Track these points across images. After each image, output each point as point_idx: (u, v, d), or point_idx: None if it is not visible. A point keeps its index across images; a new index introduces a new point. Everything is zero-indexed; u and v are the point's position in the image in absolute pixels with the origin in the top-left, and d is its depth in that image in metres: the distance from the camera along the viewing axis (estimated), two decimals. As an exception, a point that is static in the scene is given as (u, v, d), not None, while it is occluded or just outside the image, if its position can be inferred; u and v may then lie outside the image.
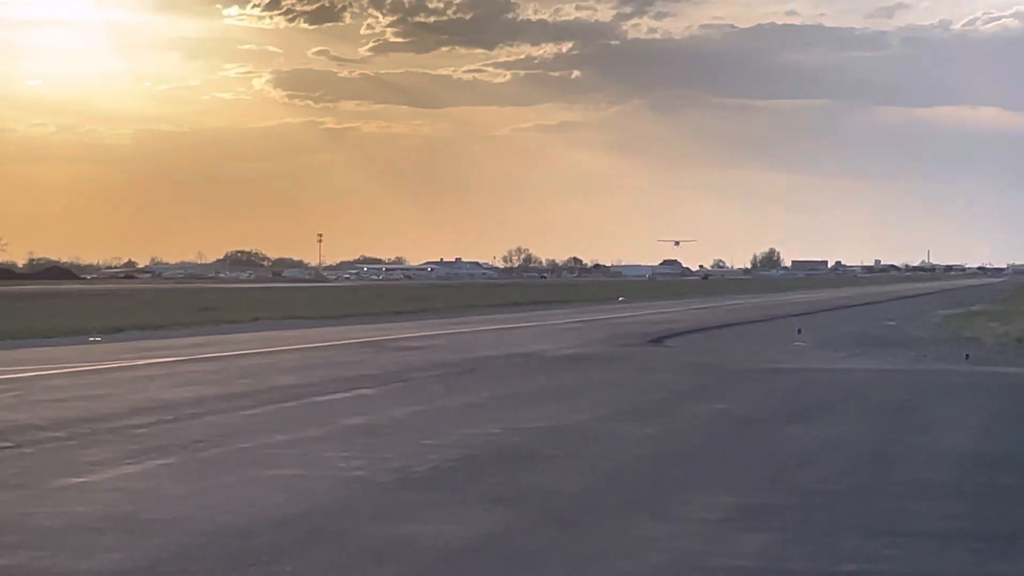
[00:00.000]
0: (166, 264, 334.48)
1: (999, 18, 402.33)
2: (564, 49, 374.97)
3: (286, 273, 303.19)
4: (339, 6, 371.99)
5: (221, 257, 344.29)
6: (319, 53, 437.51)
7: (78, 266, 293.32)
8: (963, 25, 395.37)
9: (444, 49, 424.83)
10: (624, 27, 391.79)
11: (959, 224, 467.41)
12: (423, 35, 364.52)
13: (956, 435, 20.67)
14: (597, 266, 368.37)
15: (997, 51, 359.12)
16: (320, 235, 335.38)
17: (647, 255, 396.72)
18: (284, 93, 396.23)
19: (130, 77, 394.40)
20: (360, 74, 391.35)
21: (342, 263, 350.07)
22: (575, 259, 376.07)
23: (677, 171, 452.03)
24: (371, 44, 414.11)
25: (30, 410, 22.83)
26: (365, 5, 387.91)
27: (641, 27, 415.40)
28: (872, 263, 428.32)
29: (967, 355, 38.30)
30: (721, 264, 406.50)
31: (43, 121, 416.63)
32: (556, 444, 19.12)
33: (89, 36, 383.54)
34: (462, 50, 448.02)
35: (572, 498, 14.86)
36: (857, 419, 22.90)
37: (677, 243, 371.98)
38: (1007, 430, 21.50)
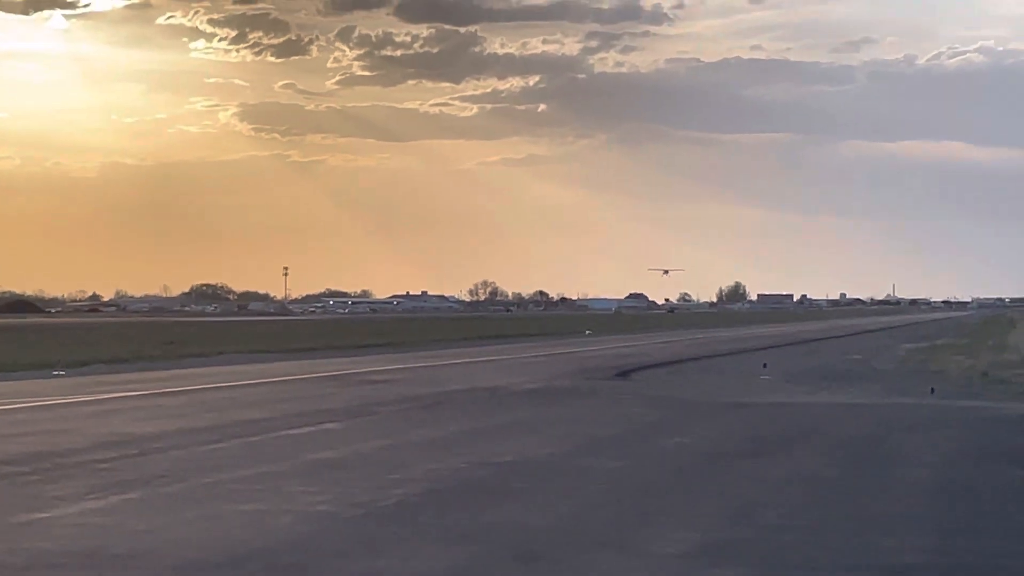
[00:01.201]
0: (131, 297, 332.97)
1: (963, 53, 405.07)
2: (531, 83, 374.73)
3: (252, 307, 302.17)
4: (306, 39, 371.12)
5: (187, 290, 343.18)
6: (286, 86, 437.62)
7: (42, 299, 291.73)
8: (928, 60, 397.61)
9: (411, 83, 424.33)
10: (591, 61, 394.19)
11: (924, 258, 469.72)
12: (390, 68, 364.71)
13: (921, 469, 20.71)
14: (563, 299, 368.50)
15: (961, 86, 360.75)
16: (286, 268, 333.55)
17: (613, 289, 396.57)
18: (250, 126, 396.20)
19: (96, 110, 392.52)
20: (327, 107, 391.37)
21: (308, 296, 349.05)
22: (541, 292, 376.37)
23: (643, 205, 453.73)
24: (338, 77, 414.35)
25: (-7, 445, 22.66)
26: (332, 39, 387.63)
27: (608, 61, 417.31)
28: (837, 297, 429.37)
29: (932, 389, 38.42)
30: (687, 298, 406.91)
31: (8, 154, 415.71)
32: (522, 478, 19.08)
33: (55, 69, 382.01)
34: (429, 83, 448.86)
35: (538, 533, 14.82)
36: (822, 453, 22.93)
37: (666, 272, 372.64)
38: (971, 464, 21.55)
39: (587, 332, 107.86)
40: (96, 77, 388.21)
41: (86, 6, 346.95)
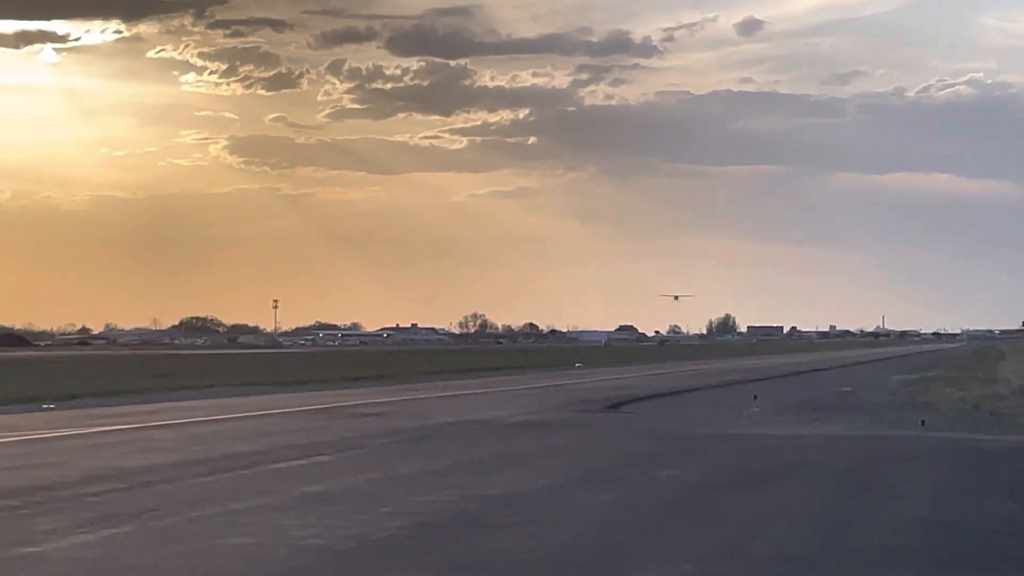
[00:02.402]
0: (121, 330, 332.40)
1: (953, 85, 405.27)
2: (520, 115, 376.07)
3: (241, 339, 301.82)
4: (296, 73, 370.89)
5: (176, 323, 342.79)
6: (276, 119, 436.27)
7: (32, 332, 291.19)
8: (917, 92, 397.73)
9: (401, 115, 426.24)
10: (581, 93, 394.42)
11: (914, 290, 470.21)
12: (380, 102, 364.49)
13: (911, 501, 20.72)
14: (553, 332, 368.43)
15: (951, 118, 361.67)
16: (276, 301, 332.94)
17: (603, 321, 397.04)
18: (241, 159, 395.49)
19: (87, 143, 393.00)
20: (317, 140, 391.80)
21: (298, 329, 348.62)
22: (531, 325, 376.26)
23: (633, 237, 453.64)
24: (328, 110, 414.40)
25: (-18, 478, 22.61)
26: (322, 72, 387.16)
27: (598, 93, 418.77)
28: (827, 329, 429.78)
29: (923, 421, 38.43)
30: (677, 330, 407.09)
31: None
32: (513, 511, 19.06)
33: (46, 102, 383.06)
34: (419, 116, 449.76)
35: (529, 566, 14.81)
36: (813, 486, 22.93)
37: (676, 298, 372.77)
38: (961, 496, 21.56)
39: (577, 364, 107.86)
40: (87, 110, 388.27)
41: (77, 40, 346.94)
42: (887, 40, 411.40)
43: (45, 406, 44.82)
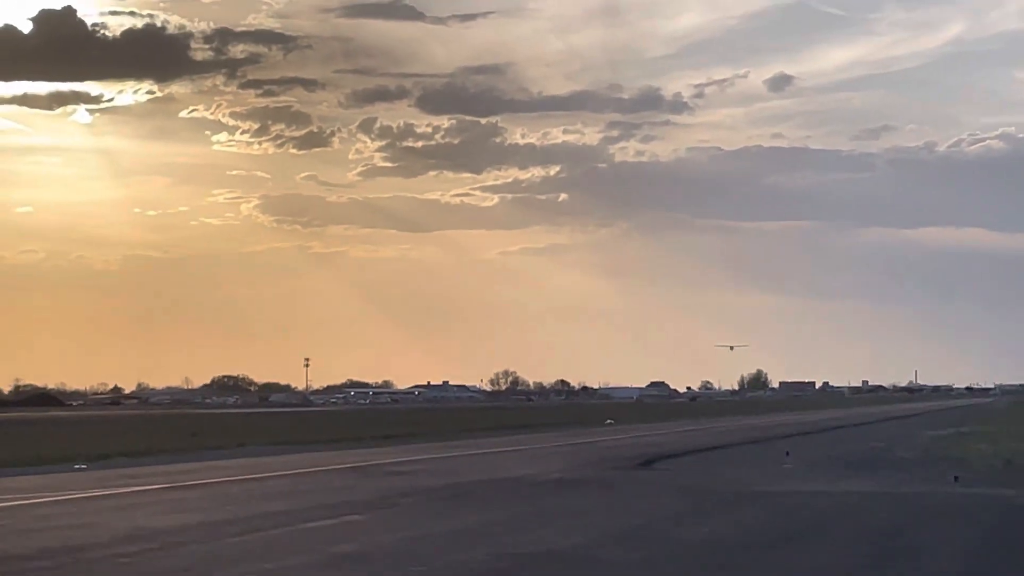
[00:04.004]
0: (153, 390, 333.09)
1: (984, 139, 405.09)
2: (551, 172, 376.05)
3: (273, 398, 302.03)
4: (328, 131, 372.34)
5: (208, 382, 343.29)
6: (307, 178, 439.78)
7: (64, 392, 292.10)
8: (948, 147, 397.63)
9: (432, 173, 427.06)
10: (611, 150, 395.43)
11: (946, 345, 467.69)
12: (411, 160, 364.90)
13: (945, 562, 20.58)
14: (584, 389, 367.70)
15: (982, 172, 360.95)
16: (307, 359, 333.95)
17: (634, 377, 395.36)
18: (272, 218, 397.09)
19: (120, 203, 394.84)
20: (348, 198, 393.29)
21: (329, 387, 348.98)
22: (562, 382, 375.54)
23: (664, 293, 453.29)
24: (359, 168, 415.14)
25: (15, 540, 22.67)
26: (354, 130, 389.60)
27: (628, 150, 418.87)
28: (860, 384, 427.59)
29: (956, 477, 38.21)
30: (709, 386, 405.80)
31: (33, 248, 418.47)
32: (545, 570, 19.00)
33: (79, 163, 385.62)
34: (450, 174, 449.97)
35: (561, 626, 14.75)
36: (846, 544, 22.80)
37: (732, 348, 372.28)
38: (999, 555, 21.41)
39: (608, 421, 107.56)
40: (119, 170, 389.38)
41: (110, 101, 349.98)
42: (917, 95, 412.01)
43: (77, 466, 44.92)
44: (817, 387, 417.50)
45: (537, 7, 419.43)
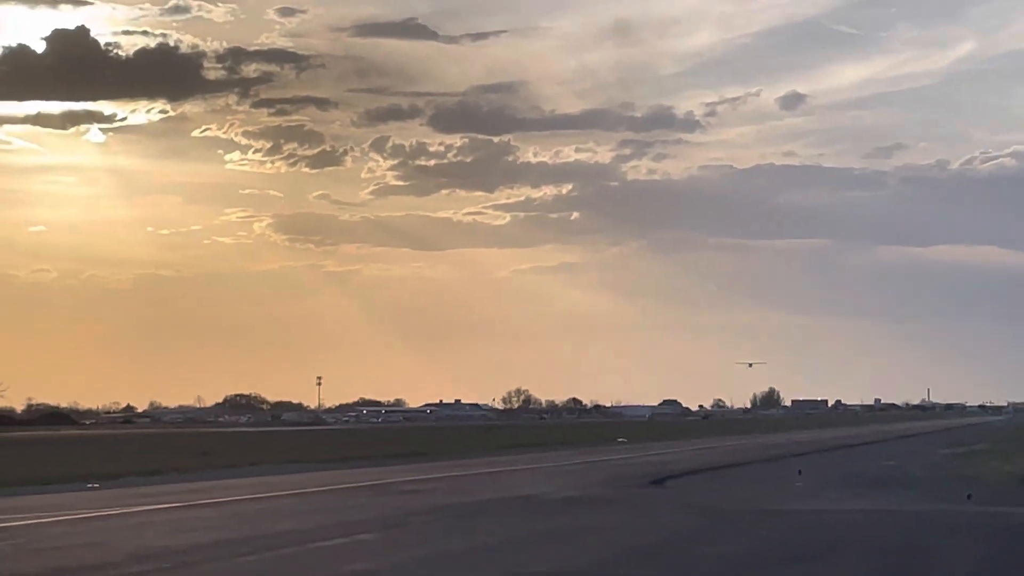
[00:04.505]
0: (165, 408, 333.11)
1: (996, 157, 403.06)
2: (563, 191, 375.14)
3: (285, 416, 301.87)
4: (340, 150, 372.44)
5: (220, 401, 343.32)
6: (320, 197, 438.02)
7: (77, 411, 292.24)
8: (961, 164, 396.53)
9: (444, 192, 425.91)
10: (623, 168, 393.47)
11: (959, 363, 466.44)
12: (424, 178, 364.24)
13: (958, 577, 20.57)
14: (597, 407, 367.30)
15: (994, 190, 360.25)
16: (319, 378, 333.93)
17: (647, 395, 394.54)
18: (285, 237, 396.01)
19: (132, 222, 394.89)
20: (361, 217, 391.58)
21: (341, 406, 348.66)
22: (575, 400, 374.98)
23: (676, 311, 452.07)
24: (372, 187, 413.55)
25: (29, 559, 22.72)
26: (366, 149, 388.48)
27: (640, 168, 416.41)
28: (872, 402, 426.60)
29: (969, 495, 38.15)
30: (721, 404, 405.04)
31: (46, 267, 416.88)
32: (556, 589, 19.00)
33: (92, 182, 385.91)
34: (462, 193, 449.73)
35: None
36: (858, 562, 22.77)
37: (750, 365, 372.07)
38: (1007, 573, 21.38)
39: (621, 439, 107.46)
40: (132, 190, 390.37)
41: (123, 120, 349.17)
42: (929, 113, 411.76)
43: (90, 485, 44.98)
44: (829, 405, 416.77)
45: (549, 26, 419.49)
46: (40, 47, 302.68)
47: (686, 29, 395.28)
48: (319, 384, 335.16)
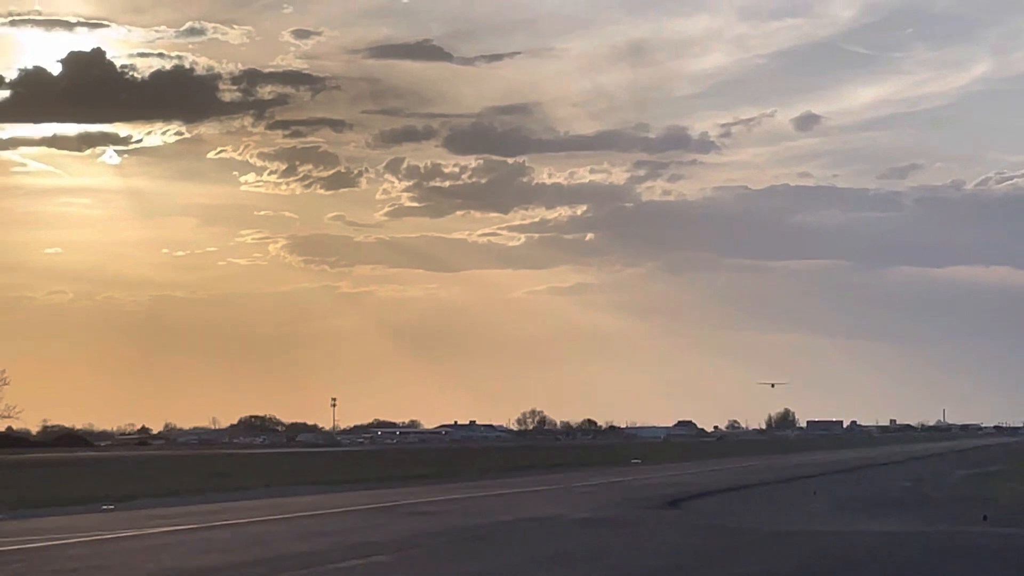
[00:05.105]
0: (180, 430, 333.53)
1: (1011, 178, 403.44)
2: (578, 212, 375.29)
3: (300, 438, 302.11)
4: (355, 172, 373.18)
5: (235, 422, 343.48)
6: (335, 218, 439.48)
7: (92, 433, 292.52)
8: (976, 185, 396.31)
9: (459, 213, 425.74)
10: (638, 189, 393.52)
11: (974, 383, 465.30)
12: (438, 199, 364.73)
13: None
14: (612, 428, 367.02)
15: (1009, 211, 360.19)
16: (334, 399, 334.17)
17: (662, 416, 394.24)
18: (300, 258, 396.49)
19: (148, 244, 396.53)
20: (376, 238, 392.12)
21: (356, 427, 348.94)
22: (589, 421, 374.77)
23: (691, 332, 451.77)
24: (387, 208, 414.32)
25: (43, 580, 22.73)
26: (381, 170, 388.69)
27: (655, 189, 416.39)
28: (888, 423, 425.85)
29: (985, 516, 38.06)
30: (736, 425, 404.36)
31: (61, 288, 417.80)
32: (571, 611, 18.98)
33: (108, 204, 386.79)
34: (477, 214, 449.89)
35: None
36: (874, 583, 22.72)
37: (773, 385, 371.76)
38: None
39: (635, 460, 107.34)
40: (148, 211, 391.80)
41: (138, 142, 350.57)
42: (944, 133, 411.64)
43: (104, 507, 45.01)
44: (845, 426, 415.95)
45: (564, 47, 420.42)
46: (56, 69, 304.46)
47: (701, 50, 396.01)
48: (334, 405, 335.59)
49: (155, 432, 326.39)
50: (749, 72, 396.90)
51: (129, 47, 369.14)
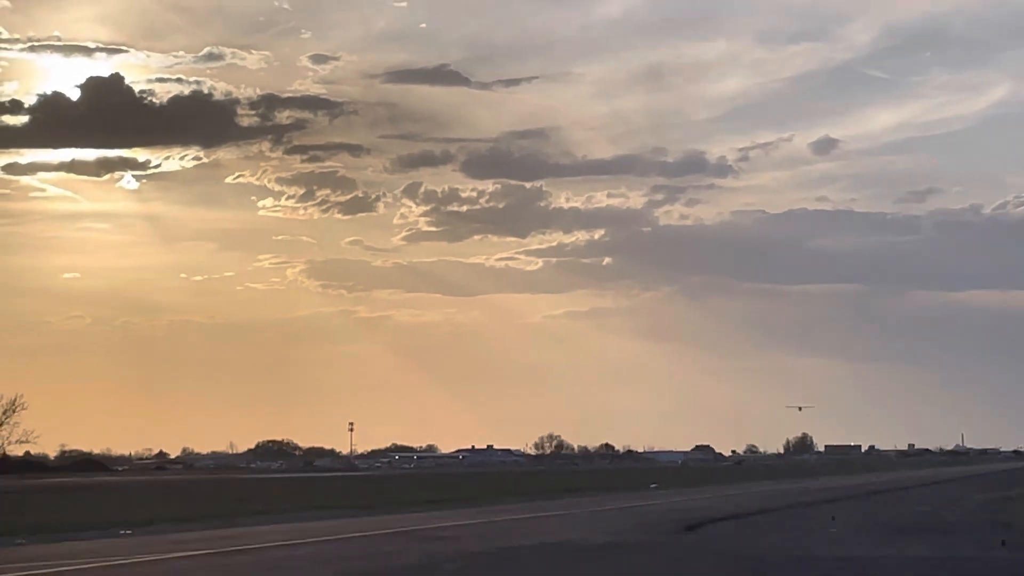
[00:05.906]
0: (197, 454, 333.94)
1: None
2: (596, 236, 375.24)
3: (318, 463, 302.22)
4: (372, 196, 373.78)
5: (252, 447, 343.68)
6: (353, 243, 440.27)
7: (109, 457, 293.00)
8: (994, 209, 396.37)
9: (477, 237, 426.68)
10: (656, 214, 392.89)
11: (993, 407, 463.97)
12: (456, 224, 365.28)
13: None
14: (629, 452, 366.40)
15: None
16: (352, 424, 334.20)
17: (679, 441, 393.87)
18: (318, 283, 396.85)
19: (166, 269, 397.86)
20: (393, 263, 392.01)
21: (374, 452, 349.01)
22: (607, 445, 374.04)
23: (709, 357, 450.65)
24: (404, 233, 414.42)
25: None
26: (398, 195, 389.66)
27: (673, 214, 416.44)
28: (906, 447, 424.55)
29: (1003, 541, 37.94)
30: (754, 449, 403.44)
31: (79, 313, 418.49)
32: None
33: (127, 228, 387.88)
34: (494, 238, 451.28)
35: None
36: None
37: (800, 408, 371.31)
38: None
39: (653, 485, 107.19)
40: (166, 236, 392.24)
41: (157, 167, 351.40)
42: (963, 157, 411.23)
43: (122, 532, 45.06)
44: (863, 451, 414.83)
45: (581, 72, 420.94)
46: (75, 95, 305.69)
47: (718, 74, 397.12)
48: (351, 430, 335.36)
49: (173, 457, 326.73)
50: (767, 96, 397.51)
51: (148, 72, 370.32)
